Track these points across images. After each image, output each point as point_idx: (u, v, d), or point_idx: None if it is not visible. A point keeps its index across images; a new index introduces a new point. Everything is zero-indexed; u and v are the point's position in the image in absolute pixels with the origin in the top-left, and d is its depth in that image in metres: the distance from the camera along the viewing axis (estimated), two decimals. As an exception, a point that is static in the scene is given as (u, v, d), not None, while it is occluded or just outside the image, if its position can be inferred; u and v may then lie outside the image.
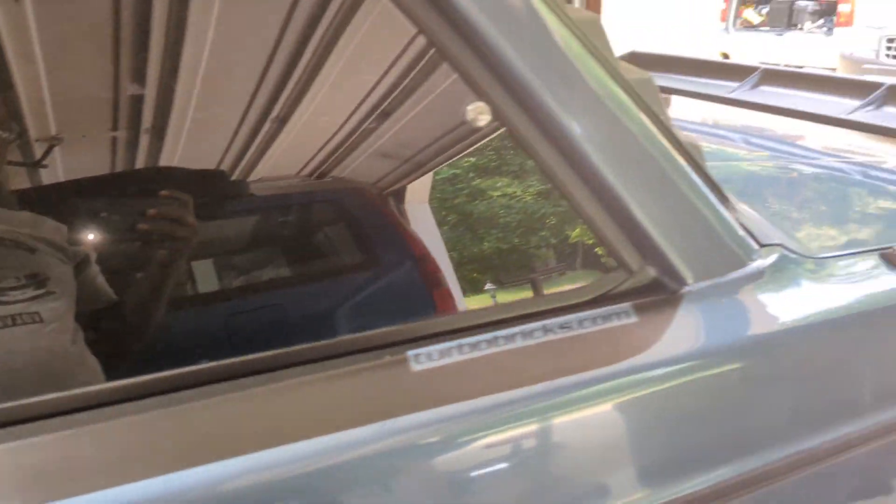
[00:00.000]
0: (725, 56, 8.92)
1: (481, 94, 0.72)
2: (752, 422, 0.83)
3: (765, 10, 8.64)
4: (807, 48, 7.84)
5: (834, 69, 6.42)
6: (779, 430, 0.85)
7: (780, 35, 8.20)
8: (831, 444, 0.88)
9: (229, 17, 0.81)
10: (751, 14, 8.67)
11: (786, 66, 8.75)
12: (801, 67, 8.61)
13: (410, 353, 0.70)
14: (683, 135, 0.84)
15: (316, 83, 0.87)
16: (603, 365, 0.74)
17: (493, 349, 0.72)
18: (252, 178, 0.90)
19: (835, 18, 7.72)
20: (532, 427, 0.71)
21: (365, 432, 0.64)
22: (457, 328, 0.73)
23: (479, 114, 0.74)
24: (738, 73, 2.09)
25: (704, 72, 2.18)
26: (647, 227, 0.78)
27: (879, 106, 1.71)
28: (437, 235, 1.00)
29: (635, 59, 2.49)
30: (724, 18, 8.94)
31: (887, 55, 5.69)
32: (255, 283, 0.93)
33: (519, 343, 0.73)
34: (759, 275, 0.86)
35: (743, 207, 0.97)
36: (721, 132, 1.84)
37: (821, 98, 1.85)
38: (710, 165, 0.86)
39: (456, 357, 0.70)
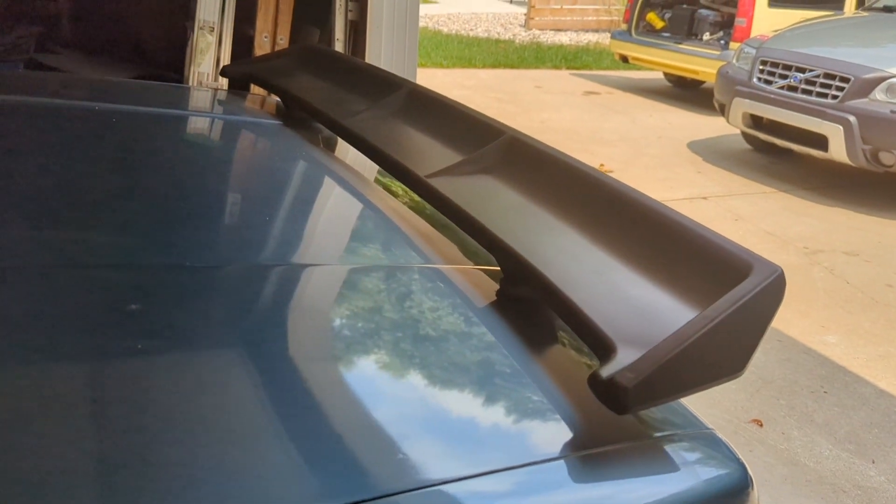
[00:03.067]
0: (624, 59, 8.43)
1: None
2: None
3: (667, 16, 8.17)
4: (702, 62, 7.39)
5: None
6: None
7: (679, 43, 7.73)
8: None
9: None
10: (654, 18, 8.19)
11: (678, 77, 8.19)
12: (701, 82, 8.09)
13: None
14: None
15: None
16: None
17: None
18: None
19: (732, 32, 7.29)
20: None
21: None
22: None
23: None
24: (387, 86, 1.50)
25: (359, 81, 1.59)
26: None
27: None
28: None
29: (306, 52, 1.88)
30: (626, 19, 8.44)
31: (758, 79, 5.17)
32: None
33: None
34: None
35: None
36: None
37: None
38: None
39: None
